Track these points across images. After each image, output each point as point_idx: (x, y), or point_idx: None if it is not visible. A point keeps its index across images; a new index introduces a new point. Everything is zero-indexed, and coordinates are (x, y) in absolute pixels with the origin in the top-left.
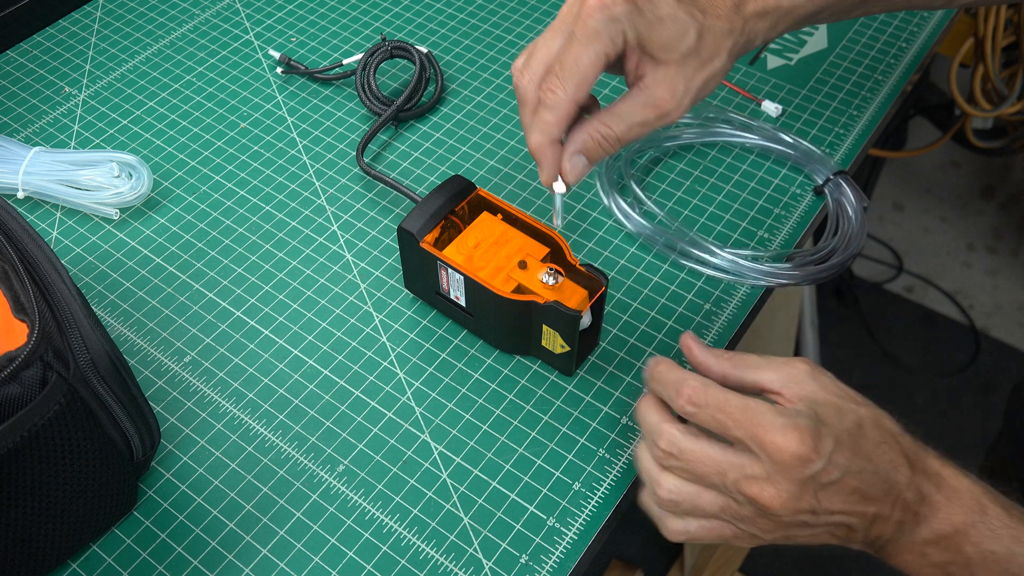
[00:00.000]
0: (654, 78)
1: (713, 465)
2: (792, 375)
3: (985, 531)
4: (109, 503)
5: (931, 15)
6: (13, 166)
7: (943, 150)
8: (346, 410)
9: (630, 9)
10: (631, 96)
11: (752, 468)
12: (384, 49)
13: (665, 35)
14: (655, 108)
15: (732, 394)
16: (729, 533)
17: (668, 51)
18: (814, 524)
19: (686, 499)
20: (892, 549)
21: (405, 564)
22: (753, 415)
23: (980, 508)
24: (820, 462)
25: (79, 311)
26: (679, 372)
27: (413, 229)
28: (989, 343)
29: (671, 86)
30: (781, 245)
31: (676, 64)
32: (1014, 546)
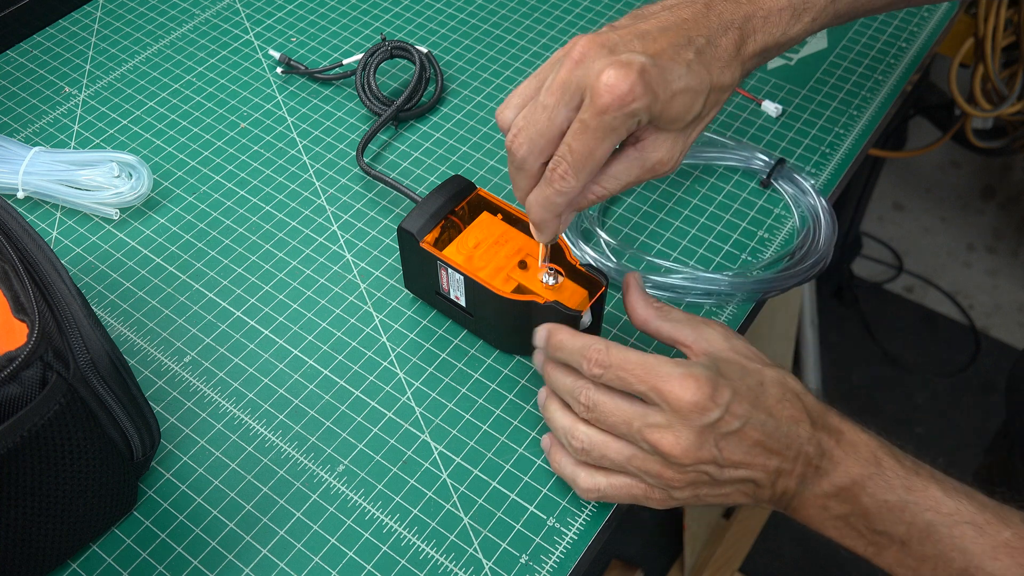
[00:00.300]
0: (653, 142)
1: (621, 414)
2: (704, 333)
3: (880, 482)
4: (109, 503)
5: (931, 15)
6: (13, 166)
7: (943, 150)
8: (346, 410)
9: (648, 100)
10: (627, 157)
11: (654, 417)
12: (384, 49)
13: (676, 111)
14: (652, 170)
15: (632, 351)
16: (639, 491)
17: (675, 123)
18: (720, 479)
19: (596, 447)
20: (796, 503)
21: (405, 564)
22: (651, 368)
23: (876, 460)
24: (717, 410)
25: (79, 311)
26: (581, 339)
27: (413, 229)
28: (989, 343)
29: (670, 151)
30: (751, 253)
31: (679, 131)
32: (906, 495)
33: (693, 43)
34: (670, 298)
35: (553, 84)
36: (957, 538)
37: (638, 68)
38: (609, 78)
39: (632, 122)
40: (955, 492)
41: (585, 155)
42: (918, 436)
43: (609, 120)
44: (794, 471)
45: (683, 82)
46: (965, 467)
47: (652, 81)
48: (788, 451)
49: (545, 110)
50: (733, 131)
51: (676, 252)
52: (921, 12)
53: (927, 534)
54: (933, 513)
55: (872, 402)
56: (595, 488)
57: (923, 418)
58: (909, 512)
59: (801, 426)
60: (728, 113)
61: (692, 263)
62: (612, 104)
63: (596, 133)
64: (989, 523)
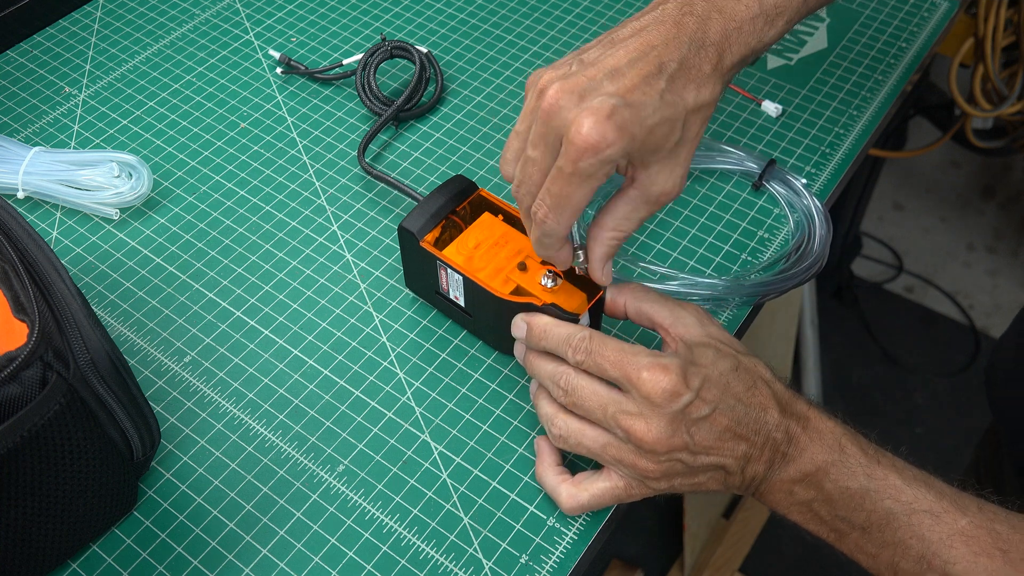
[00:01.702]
0: (648, 177)
1: (597, 399)
2: (680, 316)
3: (843, 469)
4: (109, 503)
5: (931, 15)
6: (13, 166)
7: (943, 150)
8: (346, 410)
9: (623, 145)
10: (631, 199)
11: (628, 404)
12: (384, 49)
13: (655, 143)
14: (657, 202)
15: (611, 340)
16: (621, 491)
17: (658, 153)
18: (693, 466)
19: (573, 434)
20: (764, 488)
21: (405, 564)
22: (625, 356)
23: (839, 447)
24: (687, 396)
25: (79, 311)
26: (565, 327)
27: (414, 228)
28: (989, 343)
29: (668, 179)
30: (748, 255)
31: (667, 158)
32: (867, 482)
33: (664, 70)
34: None
35: (534, 137)
36: (915, 526)
37: (608, 113)
38: (581, 128)
39: (609, 167)
40: (914, 480)
41: (563, 199)
42: (918, 436)
43: (584, 167)
44: (762, 457)
45: (657, 116)
46: (963, 466)
47: (625, 123)
48: (756, 436)
49: (534, 164)
50: (733, 131)
51: (673, 255)
52: (921, 12)
53: (886, 521)
54: (892, 501)
55: (872, 402)
56: (578, 505)
57: (923, 418)
58: (870, 499)
59: (769, 412)
60: (728, 113)
61: (689, 267)
62: (586, 153)
63: (572, 179)
64: (946, 511)
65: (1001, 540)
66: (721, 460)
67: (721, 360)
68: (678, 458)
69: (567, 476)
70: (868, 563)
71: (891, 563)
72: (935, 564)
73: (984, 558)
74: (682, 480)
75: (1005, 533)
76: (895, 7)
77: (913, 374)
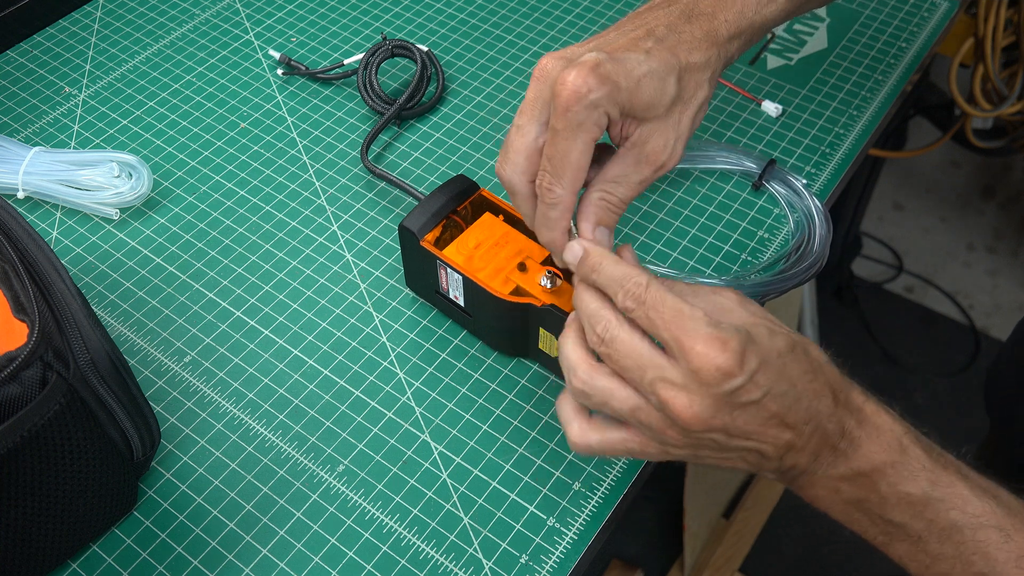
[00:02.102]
0: (641, 135)
1: (636, 359)
2: (719, 304)
3: (903, 472)
4: (109, 503)
5: (931, 15)
6: (13, 166)
7: (943, 150)
8: (346, 410)
9: (608, 89)
10: (623, 157)
11: (671, 372)
12: (385, 48)
13: (647, 96)
14: (651, 165)
15: (671, 295)
16: (635, 446)
17: (653, 109)
18: (726, 446)
19: (599, 392)
20: (805, 481)
21: (405, 564)
22: (683, 319)
23: (901, 448)
24: (741, 378)
25: (79, 311)
26: (623, 267)
27: (414, 228)
28: (989, 343)
29: (662, 139)
30: (748, 255)
31: (663, 117)
32: (931, 489)
33: (653, 33)
34: None
35: (523, 105)
36: (981, 542)
37: (591, 63)
38: (565, 78)
39: (597, 114)
40: (983, 492)
41: (560, 159)
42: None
43: (572, 116)
44: (807, 447)
45: (645, 67)
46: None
47: (609, 72)
48: (805, 426)
49: (519, 130)
50: (733, 131)
51: (673, 255)
52: (921, 12)
53: (949, 534)
54: (958, 513)
55: None
56: (585, 445)
57: (923, 418)
58: (932, 508)
59: (823, 401)
60: (728, 113)
61: (689, 267)
62: (571, 99)
63: (564, 133)
64: (1016, 529)
65: None
66: (759, 446)
67: (776, 338)
68: (712, 437)
69: (584, 414)
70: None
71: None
72: None
73: None
74: (709, 453)
75: None
76: (895, 7)
77: (913, 374)
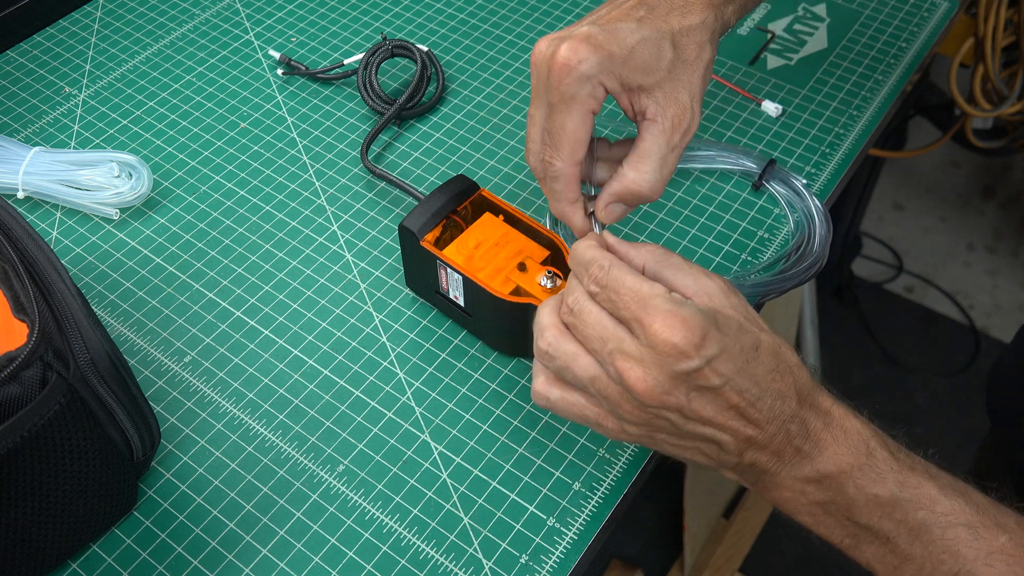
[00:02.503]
0: (656, 104)
1: (599, 330)
2: (706, 286)
3: (871, 474)
4: (109, 503)
5: (931, 15)
6: (13, 166)
7: (943, 150)
8: (346, 410)
9: (599, 59)
10: (646, 131)
11: (630, 345)
12: (385, 48)
13: (642, 62)
14: (676, 130)
15: (631, 276)
16: (591, 414)
17: (653, 74)
18: (682, 429)
19: (563, 355)
20: (769, 482)
21: (405, 564)
22: (642, 297)
23: (868, 451)
24: (697, 361)
25: (79, 311)
26: (592, 251)
27: (414, 227)
28: (989, 343)
29: (677, 102)
30: (748, 255)
31: (669, 81)
32: (899, 491)
33: (645, 3)
34: None
35: (533, 95)
36: (950, 540)
37: (581, 35)
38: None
39: (591, 85)
40: (951, 491)
41: (557, 131)
42: (918, 436)
43: (565, 89)
44: (769, 445)
45: (637, 34)
46: (964, 467)
47: (600, 42)
48: (768, 424)
49: (531, 119)
50: (733, 131)
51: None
52: (921, 12)
53: (918, 533)
54: (927, 512)
55: (872, 402)
56: (545, 396)
57: (923, 418)
58: (900, 509)
59: (787, 402)
60: (728, 113)
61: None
62: (562, 72)
63: (559, 107)
64: (985, 526)
65: None
66: (718, 435)
67: (744, 335)
68: (667, 416)
69: None
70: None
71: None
72: None
73: None
74: (666, 437)
75: None
76: (895, 7)
77: (913, 374)
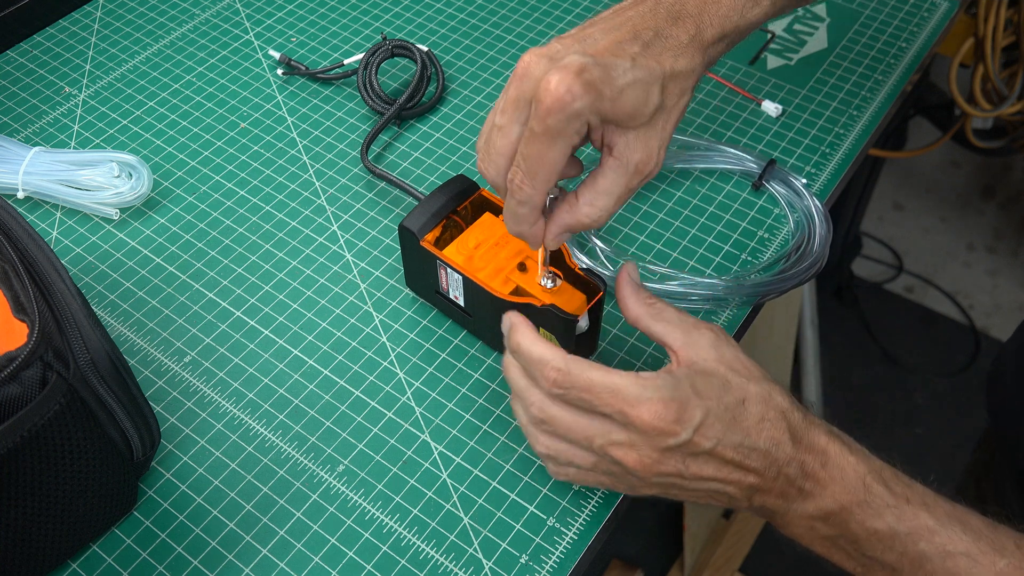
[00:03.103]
0: (626, 144)
1: (581, 431)
2: (694, 338)
3: (868, 510)
4: (109, 503)
5: (931, 15)
6: (13, 166)
7: (943, 150)
8: (346, 410)
9: (591, 99)
10: (608, 168)
11: (618, 435)
12: (385, 48)
13: (630, 106)
14: (637, 174)
15: (595, 370)
16: (607, 481)
17: (636, 119)
18: (688, 487)
19: (561, 454)
20: (782, 521)
21: (405, 564)
22: (619, 391)
23: (864, 487)
24: (684, 434)
25: (79, 311)
26: (539, 349)
27: (414, 227)
28: (989, 343)
29: (646, 147)
30: (748, 255)
31: (645, 126)
32: (896, 524)
33: (640, 37)
34: None
35: (504, 103)
36: (951, 569)
37: (576, 68)
38: (548, 83)
39: (579, 123)
40: (948, 519)
41: (536, 160)
42: (918, 436)
43: (553, 123)
44: (773, 489)
45: (629, 76)
46: (963, 467)
47: (594, 79)
48: (767, 471)
49: (500, 130)
50: (733, 131)
51: (673, 255)
52: (921, 12)
53: (919, 564)
54: (926, 543)
55: (872, 402)
56: (565, 475)
57: (923, 418)
58: (900, 542)
59: (781, 447)
60: (728, 113)
61: (689, 267)
62: (553, 107)
63: (543, 138)
64: (983, 553)
65: None
66: (724, 488)
67: (727, 393)
68: (670, 481)
69: None
70: None
71: None
72: None
73: None
74: (679, 493)
75: None
76: (895, 7)
77: (913, 374)
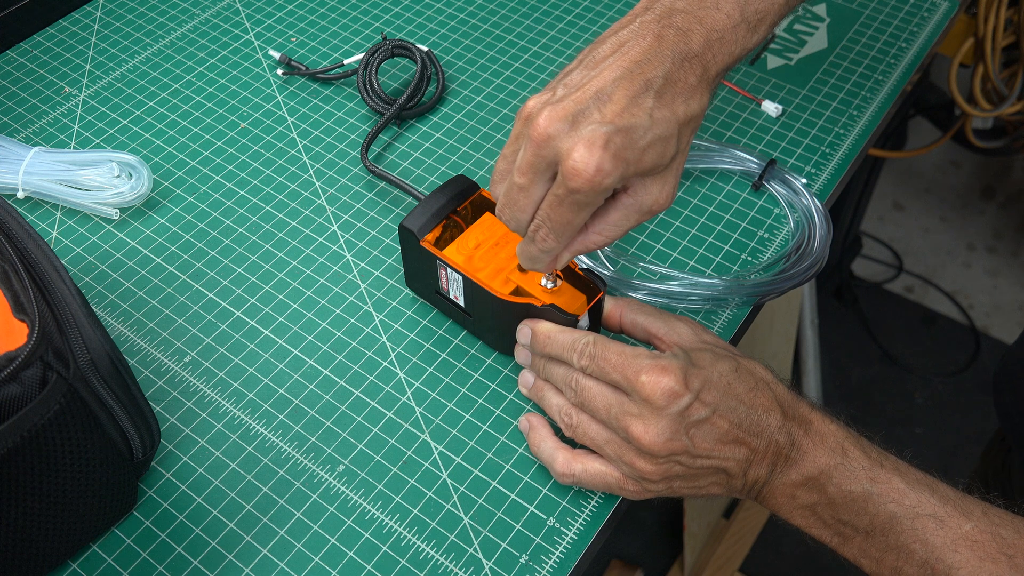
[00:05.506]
0: (643, 187)
1: (603, 399)
2: (674, 326)
3: (845, 472)
4: (109, 503)
5: (931, 15)
6: (13, 166)
7: (943, 150)
8: (346, 410)
9: (620, 172)
10: (622, 205)
11: (629, 405)
12: (385, 48)
13: (651, 163)
14: (649, 212)
15: (612, 344)
16: (613, 480)
17: (655, 169)
18: (693, 468)
19: (581, 424)
20: (766, 491)
21: (405, 564)
22: (627, 358)
23: (842, 450)
24: (687, 397)
25: (79, 311)
26: (569, 334)
27: (414, 227)
28: (989, 343)
29: (660, 189)
30: (748, 255)
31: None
32: (870, 486)
33: (651, 87)
34: (666, 304)
35: (522, 165)
36: (919, 530)
37: (603, 143)
38: (577, 162)
39: (607, 193)
40: (918, 484)
41: (563, 224)
42: (918, 436)
43: (583, 198)
44: (764, 460)
45: (649, 135)
46: (964, 467)
47: (620, 151)
48: (758, 440)
49: (522, 191)
50: (733, 131)
51: (673, 255)
52: (921, 12)
53: (890, 525)
54: (896, 505)
55: (872, 402)
56: (570, 473)
57: (923, 418)
58: (872, 503)
59: (772, 415)
60: (728, 113)
61: (689, 267)
62: (584, 186)
63: (572, 208)
64: (950, 516)
65: (1007, 545)
66: (722, 463)
67: (720, 361)
68: (677, 460)
69: (566, 447)
70: (872, 568)
71: (895, 568)
72: (939, 569)
73: (989, 563)
74: (682, 483)
75: (1010, 538)
76: (895, 7)
77: (913, 374)
